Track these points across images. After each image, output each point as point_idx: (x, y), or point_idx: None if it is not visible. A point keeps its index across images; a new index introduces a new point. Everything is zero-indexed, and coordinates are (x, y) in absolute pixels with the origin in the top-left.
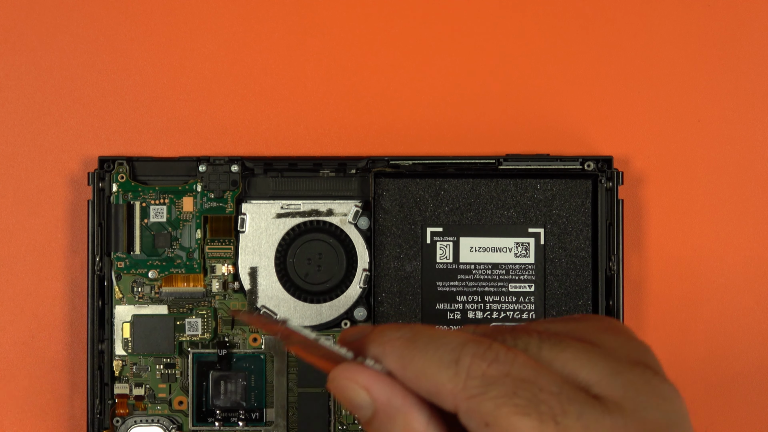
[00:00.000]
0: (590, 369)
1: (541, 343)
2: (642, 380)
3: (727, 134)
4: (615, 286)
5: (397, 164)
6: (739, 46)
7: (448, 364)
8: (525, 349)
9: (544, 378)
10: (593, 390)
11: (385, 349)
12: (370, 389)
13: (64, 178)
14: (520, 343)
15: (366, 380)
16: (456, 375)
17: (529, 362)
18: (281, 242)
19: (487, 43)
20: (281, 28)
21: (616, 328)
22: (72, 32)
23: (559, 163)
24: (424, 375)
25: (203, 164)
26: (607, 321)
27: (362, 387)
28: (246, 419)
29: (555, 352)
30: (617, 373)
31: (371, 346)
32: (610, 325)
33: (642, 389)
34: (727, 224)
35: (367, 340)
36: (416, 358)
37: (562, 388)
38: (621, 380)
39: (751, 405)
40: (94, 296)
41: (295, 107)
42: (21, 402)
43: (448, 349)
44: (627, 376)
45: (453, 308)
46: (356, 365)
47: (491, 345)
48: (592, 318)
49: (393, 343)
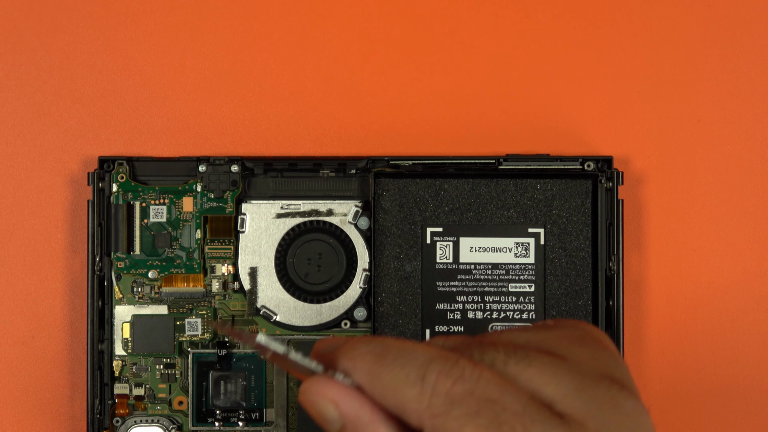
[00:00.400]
0: (555, 385)
1: (507, 358)
2: (606, 396)
3: (727, 134)
4: (615, 286)
5: (397, 164)
6: (739, 46)
7: (414, 382)
8: (491, 364)
9: (508, 396)
10: (557, 407)
11: (354, 364)
12: (338, 403)
13: (64, 178)
14: (487, 358)
15: (335, 394)
16: (421, 393)
17: (494, 379)
18: (281, 242)
19: (487, 43)
20: (281, 28)
21: (587, 338)
22: (72, 32)
23: (559, 163)
24: (390, 391)
25: (203, 164)
26: (579, 329)
27: (331, 401)
28: (246, 419)
29: (521, 367)
30: (581, 390)
31: (341, 360)
32: (581, 333)
33: (605, 406)
34: (727, 224)
35: (338, 353)
36: (384, 374)
37: (525, 408)
38: (584, 397)
39: (751, 405)
40: (94, 296)
41: (295, 107)
42: (21, 402)
43: (415, 365)
44: (591, 392)
45: (453, 308)
46: (326, 379)
47: (457, 361)
48: (564, 325)
49: (362, 358)
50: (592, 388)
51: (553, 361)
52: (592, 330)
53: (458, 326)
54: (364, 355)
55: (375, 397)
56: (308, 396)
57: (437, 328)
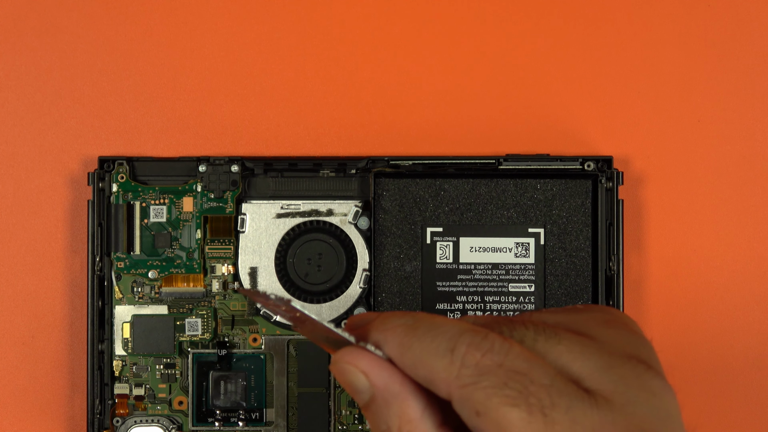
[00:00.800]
0: (583, 362)
1: (536, 335)
2: (633, 375)
3: (727, 134)
4: (615, 286)
5: (397, 164)
6: (739, 46)
7: (444, 353)
8: (521, 340)
9: (536, 370)
10: (585, 383)
11: (386, 336)
12: (368, 374)
13: (64, 178)
14: (516, 334)
15: (365, 365)
16: (451, 364)
17: (523, 353)
18: (281, 242)
19: (486, 43)
20: (281, 28)
21: (616, 321)
22: (72, 32)
23: (559, 163)
24: (420, 362)
25: (203, 164)
26: (608, 313)
27: (362, 371)
28: (246, 419)
29: (550, 344)
30: (609, 368)
31: (373, 332)
32: (610, 317)
33: (632, 384)
34: (727, 224)
35: (371, 326)
36: (414, 346)
37: (553, 381)
38: (612, 375)
39: (751, 404)
40: (94, 296)
41: (295, 107)
42: (21, 402)
43: (446, 338)
44: (619, 370)
45: (453, 308)
46: (358, 349)
47: (487, 335)
48: (593, 309)
49: (394, 330)
50: (620, 366)
51: (581, 340)
52: (621, 315)
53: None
54: (395, 328)
55: (405, 368)
56: (339, 365)
57: None
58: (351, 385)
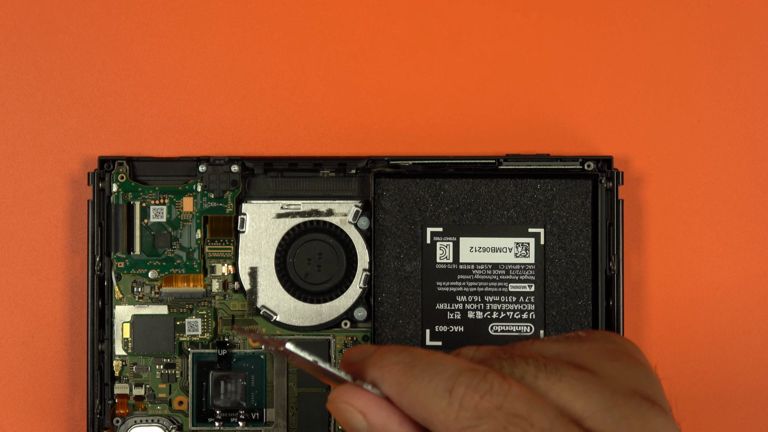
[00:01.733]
0: (585, 401)
1: (537, 371)
2: (636, 414)
3: (727, 134)
4: (615, 286)
5: (397, 164)
6: (739, 46)
7: (442, 394)
8: (521, 377)
9: (536, 412)
10: (586, 423)
11: (383, 374)
12: (366, 414)
13: (64, 178)
14: (517, 371)
15: (363, 405)
16: (449, 405)
17: (523, 394)
18: (281, 242)
19: (487, 43)
20: (281, 28)
21: (619, 351)
22: (72, 32)
23: (559, 163)
24: (419, 402)
25: (203, 164)
26: (611, 342)
27: (359, 411)
28: (246, 419)
29: (551, 381)
30: (612, 407)
31: (370, 370)
32: (613, 347)
33: (635, 425)
34: (727, 224)
35: (367, 362)
36: (412, 386)
37: (553, 424)
38: (615, 414)
39: (751, 406)
40: (94, 296)
41: (295, 107)
42: (21, 402)
43: (444, 377)
44: (621, 409)
45: (453, 308)
46: (355, 388)
47: (486, 375)
48: (596, 337)
49: (391, 368)
50: (622, 405)
51: (583, 376)
52: (624, 343)
53: (458, 326)
54: (392, 366)
55: (403, 407)
56: (336, 404)
57: (437, 328)
58: (349, 425)
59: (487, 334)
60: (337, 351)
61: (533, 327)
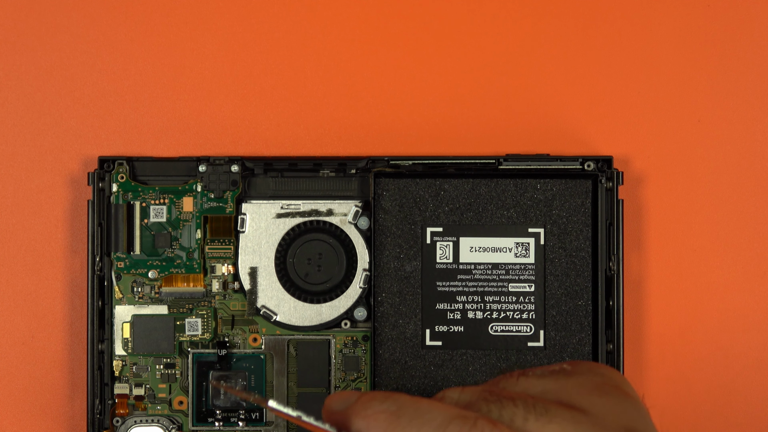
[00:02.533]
0: None
1: (527, 413)
2: None
3: (727, 134)
4: (615, 286)
5: (397, 164)
6: (739, 46)
7: None
8: (511, 421)
9: None
10: None
11: (368, 424)
12: None
13: (64, 178)
14: (506, 414)
15: None
16: None
17: None
18: (281, 242)
19: (486, 43)
20: (281, 28)
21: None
22: (72, 32)
23: (559, 163)
24: None
25: (203, 164)
26: (598, 375)
27: None
28: (246, 419)
29: (541, 423)
30: None
31: (355, 420)
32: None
33: None
34: (727, 224)
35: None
36: None
37: None
38: None
39: (751, 405)
40: (94, 296)
41: (295, 107)
42: (21, 402)
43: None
44: None
45: (453, 308)
46: None
47: (476, 422)
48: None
49: (377, 417)
50: None
51: (573, 416)
52: (611, 375)
53: (458, 326)
54: (377, 415)
55: None
56: None
57: (437, 327)
58: None
59: (487, 334)
60: (337, 351)
61: (533, 327)
